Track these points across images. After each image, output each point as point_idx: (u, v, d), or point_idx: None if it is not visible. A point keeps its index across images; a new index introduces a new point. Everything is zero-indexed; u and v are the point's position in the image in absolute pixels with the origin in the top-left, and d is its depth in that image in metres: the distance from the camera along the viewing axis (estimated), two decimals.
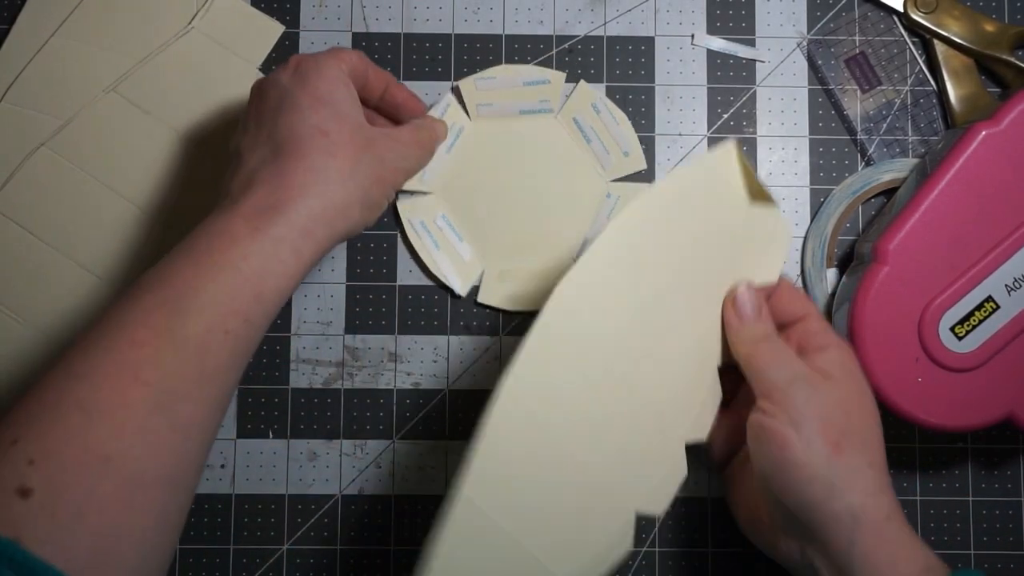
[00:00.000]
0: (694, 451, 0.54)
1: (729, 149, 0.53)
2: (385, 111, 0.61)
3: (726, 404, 0.57)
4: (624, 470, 0.51)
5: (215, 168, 0.63)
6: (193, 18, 0.64)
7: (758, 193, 0.55)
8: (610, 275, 0.49)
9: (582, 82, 0.64)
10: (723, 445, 0.57)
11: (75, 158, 0.62)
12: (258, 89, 0.55)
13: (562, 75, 0.64)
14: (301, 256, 0.50)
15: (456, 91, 0.64)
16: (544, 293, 0.61)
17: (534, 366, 0.46)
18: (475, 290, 0.63)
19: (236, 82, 0.63)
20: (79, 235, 0.62)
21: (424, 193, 0.63)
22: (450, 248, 0.63)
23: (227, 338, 0.48)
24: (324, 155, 0.52)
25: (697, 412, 0.54)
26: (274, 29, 0.64)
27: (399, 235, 0.64)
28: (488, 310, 0.63)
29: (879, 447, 0.51)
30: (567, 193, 0.63)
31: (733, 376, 0.55)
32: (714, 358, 0.55)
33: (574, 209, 0.63)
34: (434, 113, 0.63)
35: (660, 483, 0.52)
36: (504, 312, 0.63)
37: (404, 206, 0.63)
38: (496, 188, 0.63)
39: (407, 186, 0.62)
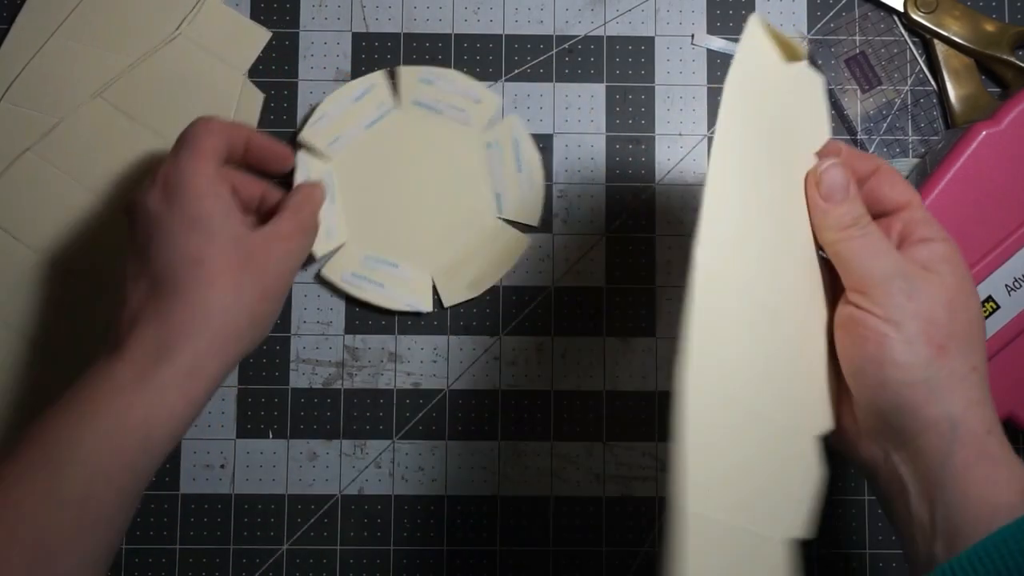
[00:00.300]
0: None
1: (755, 24, 0.48)
2: (254, 167, 0.59)
3: None
4: (792, 403, 0.46)
5: None
6: (180, 24, 0.63)
7: (791, 52, 0.50)
8: (730, 214, 0.43)
9: (397, 69, 0.64)
10: None
11: (60, 163, 0.62)
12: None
13: (373, 76, 0.64)
14: (191, 397, 0.49)
15: (301, 143, 0.63)
16: (494, 261, 0.62)
17: (705, 348, 0.41)
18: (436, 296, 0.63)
19: (222, 89, 0.63)
20: (62, 239, 0.62)
21: (338, 248, 0.63)
22: (393, 279, 0.63)
23: (110, 489, 0.47)
24: (202, 287, 0.50)
25: (820, 312, 0.49)
26: (261, 35, 0.64)
27: (344, 299, 0.63)
28: (488, 309, 0.63)
29: (983, 351, 0.46)
30: (453, 164, 0.63)
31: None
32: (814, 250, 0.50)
33: (467, 174, 0.63)
34: (299, 180, 0.62)
35: (816, 401, 0.48)
36: (503, 311, 0.63)
37: (329, 269, 0.63)
38: (396, 203, 0.63)
39: (318, 252, 0.62)
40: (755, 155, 0.45)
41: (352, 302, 0.63)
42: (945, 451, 0.44)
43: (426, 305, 0.63)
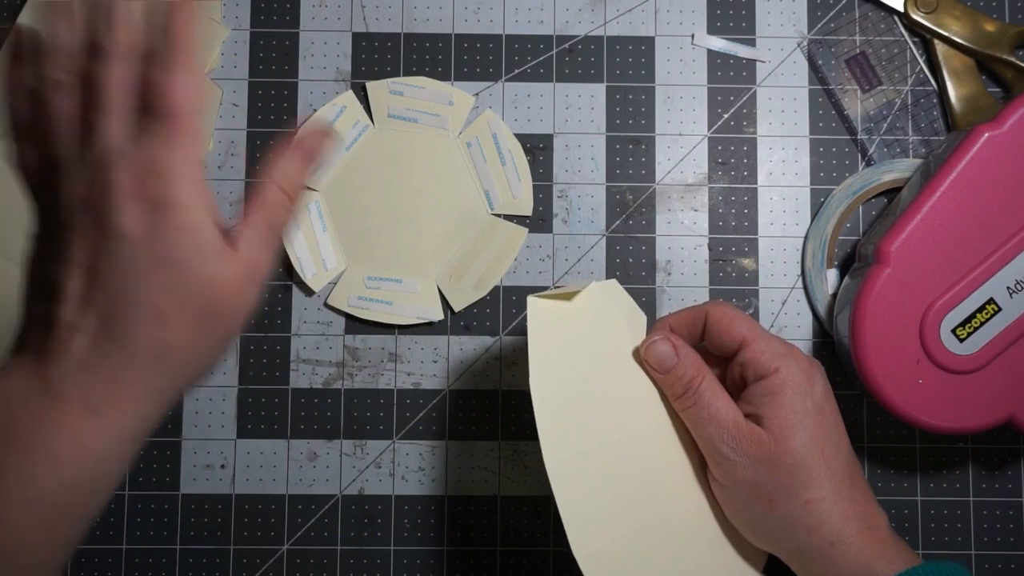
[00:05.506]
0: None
1: (531, 302, 0.53)
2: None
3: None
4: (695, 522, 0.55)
5: None
6: None
7: (572, 293, 0.55)
8: (569, 420, 0.52)
9: (366, 85, 0.64)
10: None
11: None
12: (92, 214, 0.41)
13: (342, 97, 0.64)
14: (113, 459, 0.43)
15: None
16: (495, 258, 0.63)
17: (592, 531, 0.50)
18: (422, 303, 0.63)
19: None
20: (20, 238, 0.61)
21: (339, 276, 0.63)
22: (399, 294, 0.63)
23: None
24: (159, 348, 0.42)
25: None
26: (220, 32, 0.64)
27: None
28: (488, 309, 0.63)
29: (820, 473, 0.51)
30: (438, 170, 0.63)
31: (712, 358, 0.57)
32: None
33: (453, 177, 0.63)
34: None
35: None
36: (503, 311, 0.63)
37: (334, 298, 0.63)
38: (388, 219, 0.63)
39: (318, 285, 0.63)
40: (572, 379, 0.53)
41: (362, 318, 0.63)
42: (803, 570, 0.52)
43: (436, 314, 0.63)
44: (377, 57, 0.64)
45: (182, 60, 0.42)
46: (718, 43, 0.64)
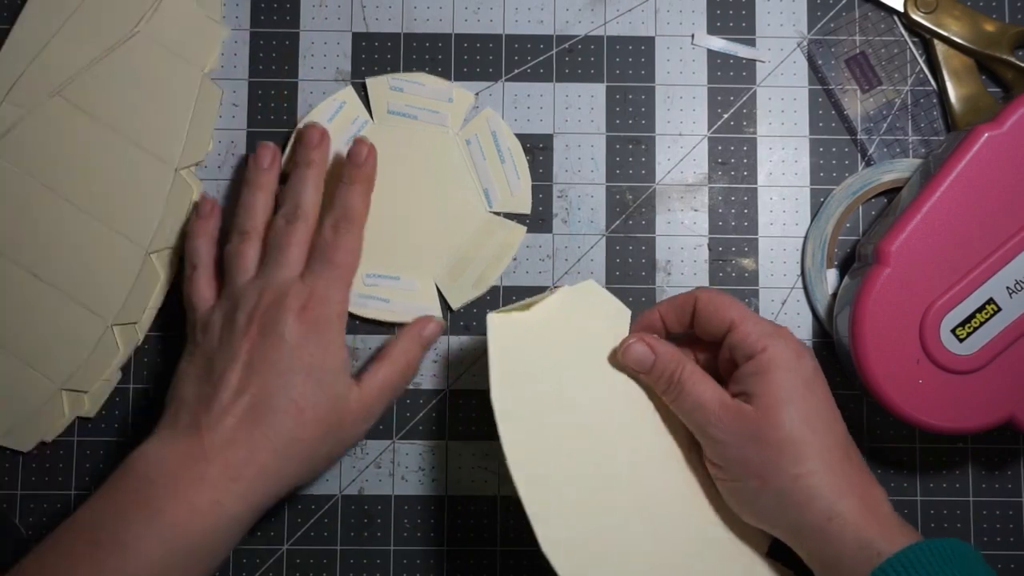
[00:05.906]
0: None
1: (490, 321, 0.55)
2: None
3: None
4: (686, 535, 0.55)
5: (159, 172, 0.62)
6: (139, 22, 0.63)
7: (530, 303, 0.56)
8: (538, 436, 0.53)
9: (366, 81, 0.64)
10: None
11: (20, 161, 0.62)
12: (260, 324, 0.55)
13: (342, 93, 0.64)
14: (234, 531, 0.53)
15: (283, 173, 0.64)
16: (494, 256, 0.63)
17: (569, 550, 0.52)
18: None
19: (181, 86, 0.63)
20: (22, 238, 0.62)
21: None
22: (397, 292, 0.62)
23: None
24: (294, 439, 0.54)
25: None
26: (221, 32, 0.64)
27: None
28: (488, 309, 0.63)
29: (810, 448, 0.51)
30: (436, 167, 0.63)
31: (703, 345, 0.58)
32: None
33: (452, 174, 0.63)
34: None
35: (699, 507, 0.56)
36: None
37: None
38: (387, 216, 0.63)
39: None
40: (543, 393, 0.54)
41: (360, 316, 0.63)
42: (797, 545, 0.52)
43: (435, 312, 0.62)
44: (377, 57, 0.64)
45: (352, 226, 0.58)
46: (718, 43, 0.64)
